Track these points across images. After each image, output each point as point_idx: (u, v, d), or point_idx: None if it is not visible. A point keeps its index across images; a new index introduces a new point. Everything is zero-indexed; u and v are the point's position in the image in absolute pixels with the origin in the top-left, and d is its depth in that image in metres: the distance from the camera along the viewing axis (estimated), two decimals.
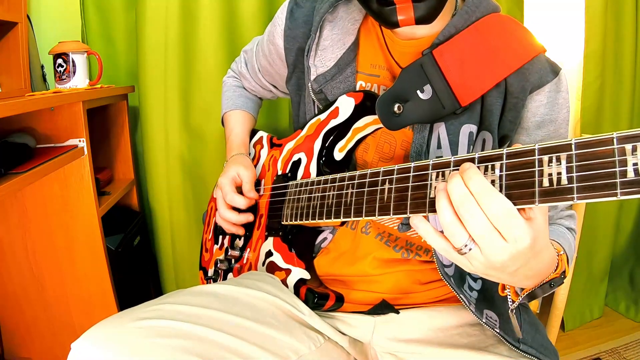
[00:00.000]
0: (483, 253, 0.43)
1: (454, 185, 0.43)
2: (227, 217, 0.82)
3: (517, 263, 0.44)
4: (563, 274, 0.53)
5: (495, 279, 0.49)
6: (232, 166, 0.84)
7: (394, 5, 0.59)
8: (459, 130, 0.66)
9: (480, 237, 0.43)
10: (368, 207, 0.56)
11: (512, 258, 0.43)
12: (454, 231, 0.44)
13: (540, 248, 0.45)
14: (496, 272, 0.46)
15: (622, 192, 0.36)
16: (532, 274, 0.48)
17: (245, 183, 0.82)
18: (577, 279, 1.59)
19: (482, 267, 0.45)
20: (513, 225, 0.42)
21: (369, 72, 0.73)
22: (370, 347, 0.73)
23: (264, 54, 0.87)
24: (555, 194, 0.39)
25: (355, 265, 0.73)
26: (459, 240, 0.44)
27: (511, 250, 0.42)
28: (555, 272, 0.52)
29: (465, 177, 0.43)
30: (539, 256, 0.46)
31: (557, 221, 0.73)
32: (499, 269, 0.45)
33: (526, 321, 0.69)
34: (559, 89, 0.69)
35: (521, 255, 0.43)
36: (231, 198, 0.81)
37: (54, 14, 1.39)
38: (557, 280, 0.52)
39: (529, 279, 0.49)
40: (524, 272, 0.47)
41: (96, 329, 0.54)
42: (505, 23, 0.66)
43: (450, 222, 0.44)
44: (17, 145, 0.98)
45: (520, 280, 0.49)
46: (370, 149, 0.73)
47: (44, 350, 1.22)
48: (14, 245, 1.14)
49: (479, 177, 0.42)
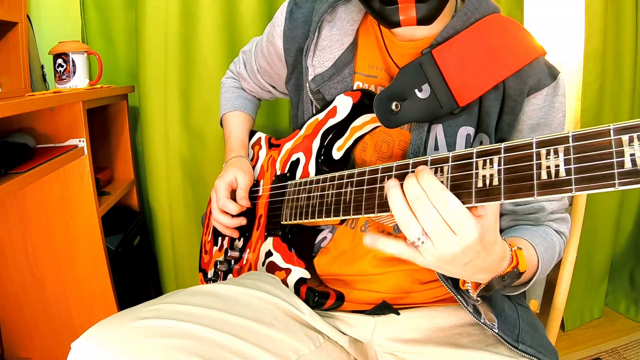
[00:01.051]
0: (435, 246, 0.47)
1: (409, 185, 0.47)
2: (220, 220, 0.82)
3: (467, 256, 0.47)
4: (516, 269, 0.55)
5: (448, 273, 0.52)
6: (230, 169, 0.84)
7: (397, 5, 0.59)
8: (457, 132, 0.66)
9: (432, 231, 0.46)
10: (367, 205, 0.56)
11: (462, 251, 0.46)
12: (409, 225, 0.47)
13: (489, 242, 0.48)
14: (448, 265, 0.49)
15: (620, 182, 0.36)
16: (483, 267, 0.51)
17: (240, 189, 0.82)
18: (577, 279, 1.59)
19: (434, 260, 0.48)
20: (462, 221, 0.45)
21: (367, 73, 0.74)
22: (371, 346, 0.73)
23: (263, 54, 0.87)
24: (553, 186, 0.40)
25: (355, 264, 0.74)
26: (413, 234, 0.47)
27: (461, 243, 0.46)
28: (509, 267, 0.54)
29: (419, 177, 0.46)
30: (488, 250, 0.49)
31: (545, 223, 0.73)
32: (450, 262, 0.48)
33: (525, 321, 0.69)
34: (556, 93, 0.69)
35: (470, 249, 0.46)
36: (223, 203, 0.81)
37: (54, 14, 1.39)
38: (511, 274, 0.55)
39: (481, 272, 0.52)
40: (475, 265, 0.49)
41: (96, 329, 0.54)
42: (505, 24, 0.66)
43: (405, 215, 0.47)
44: (17, 145, 0.98)
45: (472, 273, 0.52)
46: (368, 148, 0.73)
47: (44, 350, 1.22)
48: (14, 245, 1.14)
49: (430, 176, 0.46)
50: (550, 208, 0.72)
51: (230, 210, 0.81)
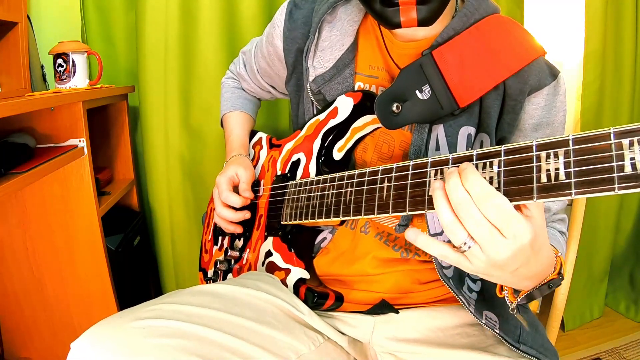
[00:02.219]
0: (484, 251, 0.44)
1: (452, 188, 0.44)
2: (223, 214, 0.82)
3: (518, 261, 0.45)
4: (561, 275, 0.53)
5: (496, 279, 0.49)
6: (231, 166, 0.84)
7: (397, 7, 0.59)
8: (458, 132, 0.66)
9: (479, 236, 0.43)
10: (367, 206, 0.56)
11: (514, 255, 0.43)
12: (454, 230, 0.44)
13: (540, 246, 0.45)
14: (497, 271, 0.46)
15: (619, 186, 0.36)
16: (532, 274, 0.49)
17: (242, 182, 0.82)
18: (577, 279, 1.59)
19: (484, 266, 0.45)
20: (512, 223, 0.42)
21: (368, 74, 0.74)
22: (370, 347, 0.73)
23: (262, 55, 0.87)
24: (553, 189, 0.39)
25: (355, 264, 0.74)
26: (458, 239, 0.44)
27: (512, 247, 0.43)
28: (554, 273, 0.52)
29: (463, 177, 0.43)
30: (539, 255, 0.46)
31: (550, 224, 0.74)
32: (500, 267, 0.45)
33: (526, 321, 0.69)
34: (556, 92, 0.69)
35: (522, 253, 0.44)
36: (226, 196, 0.81)
37: (54, 14, 1.39)
38: (556, 281, 0.52)
39: (529, 279, 0.50)
40: (524, 271, 0.47)
41: (96, 329, 0.54)
42: (505, 24, 0.66)
43: (450, 221, 0.44)
44: (17, 145, 0.98)
45: (520, 280, 0.49)
46: (369, 148, 0.73)
47: (44, 350, 1.22)
48: (14, 245, 1.14)
49: (476, 177, 0.43)
50: (555, 208, 0.73)
51: (234, 203, 0.80)
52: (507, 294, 0.55)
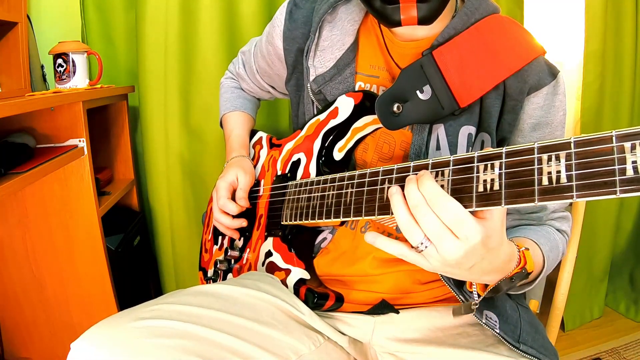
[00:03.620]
0: (438, 251, 0.46)
1: (410, 191, 0.46)
2: (220, 220, 0.82)
3: (472, 259, 0.47)
4: (524, 269, 0.55)
5: (454, 275, 0.52)
6: (232, 169, 0.84)
7: (398, 4, 0.59)
8: (458, 132, 0.66)
9: (434, 236, 0.46)
10: (368, 207, 0.56)
11: (466, 254, 0.46)
12: (411, 230, 0.47)
13: (494, 245, 0.48)
14: (453, 269, 0.49)
15: (621, 190, 0.36)
16: (490, 269, 0.50)
17: (240, 189, 0.82)
18: (577, 279, 1.59)
19: (439, 265, 0.48)
20: (463, 225, 0.45)
21: (368, 73, 0.73)
22: (370, 347, 0.73)
23: (262, 55, 0.87)
24: (554, 192, 0.39)
25: (355, 265, 0.73)
26: (415, 239, 0.47)
27: (464, 246, 0.45)
28: (517, 267, 0.54)
29: (420, 182, 0.46)
30: (494, 252, 0.48)
31: (547, 222, 0.74)
32: (455, 266, 0.48)
33: (526, 321, 0.69)
34: (556, 92, 0.69)
35: (474, 252, 0.46)
36: (223, 203, 0.81)
37: (54, 14, 1.39)
38: (519, 274, 0.55)
39: (488, 274, 0.51)
40: (481, 267, 0.49)
41: (96, 329, 0.54)
42: (505, 24, 0.66)
43: (406, 221, 0.47)
44: (17, 145, 0.98)
45: (479, 275, 0.51)
46: (369, 149, 0.73)
47: (44, 350, 1.22)
48: (14, 245, 1.14)
49: (430, 182, 0.46)
50: (552, 207, 0.73)
51: (230, 211, 0.81)
52: (476, 289, 0.57)
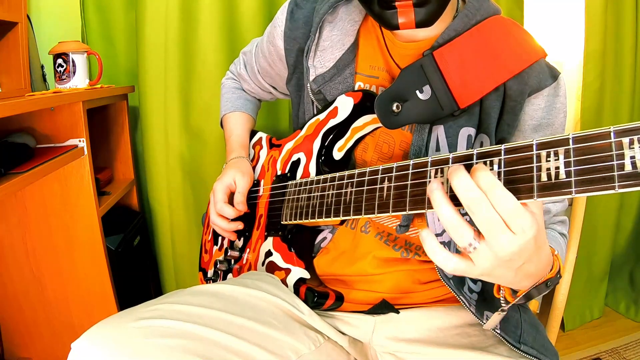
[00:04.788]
0: (491, 247, 0.43)
1: (463, 183, 0.42)
2: (217, 223, 0.83)
3: (523, 257, 0.44)
4: (558, 273, 0.53)
5: (497, 279, 0.48)
6: (230, 171, 0.84)
7: (395, 9, 0.59)
8: (458, 133, 0.66)
9: (488, 231, 0.42)
10: (367, 205, 0.56)
11: (520, 250, 0.43)
12: (460, 231, 0.43)
13: (542, 242, 0.46)
14: (501, 269, 0.45)
15: (620, 185, 0.36)
16: (533, 271, 0.48)
17: (238, 193, 0.82)
18: (577, 279, 1.59)
19: (489, 265, 0.44)
20: (520, 216, 0.41)
21: (368, 74, 0.74)
22: (370, 346, 0.73)
23: (263, 55, 0.87)
24: (553, 188, 0.39)
25: (355, 264, 0.74)
26: (465, 240, 0.43)
27: (519, 241, 0.42)
28: (551, 272, 0.52)
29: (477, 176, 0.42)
30: (540, 251, 0.46)
31: (549, 226, 0.74)
32: (506, 264, 0.44)
33: (526, 321, 0.69)
34: (557, 94, 0.69)
35: (527, 247, 0.43)
36: (220, 207, 0.81)
37: (54, 14, 1.39)
38: (553, 279, 0.52)
39: (529, 277, 0.49)
40: (527, 268, 0.47)
41: (96, 329, 0.54)
42: (506, 26, 0.66)
43: (454, 219, 0.43)
44: (17, 145, 0.98)
45: (522, 278, 0.49)
46: (369, 148, 0.73)
47: (44, 350, 1.22)
48: (14, 245, 1.14)
49: (486, 172, 0.42)
50: (554, 210, 0.73)
51: (227, 215, 0.81)
52: (505, 294, 0.55)
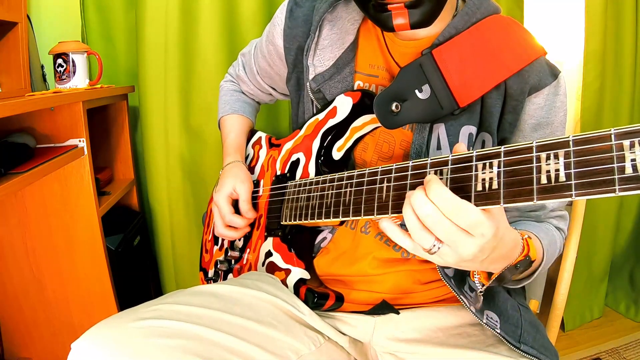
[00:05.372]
0: (453, 250, 0.46)
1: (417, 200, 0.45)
2: (227, 235, 0.83)
3: (486, 252, 0.47)
4: (528, 257, 0.56)
5: (466, 268, 0.52)
6: (227, 180, 0.83)
7: (389, 12, 0.59)
8: (459, 132, 0.66)
9: (448, 240, 0.46)
10: (367, 206, 0.56)
11: (482, 249, 0.46)
12: (420, 237, 0.47)
13: (503, 233, 0.48)
14: (467, 263, 0.49)
15: (620, 188, 0.36)
16: (499, 256, 0.51)
17: (242, 202, 0.82)
18: (577, 279, 1.59)
19: (453, 262, 0.48)
20: (478, 223, 0.45)
21: (368, 72, 0.73)
22: (370, 347, 0.73)
23: (263, 55, 0.87)
24: (553, 190, 0.39)
25: (355, 265, 0.73)
26: (427, 244, 0.47)
27: (480, 243, 0.46)
28: (521, 255, 0.55)
29: (429, 190, 0.45)
30: (503, 240, 0.49)
31: (546, 220, 0.74)
32: (470, 261, 0.48)
33: (526, 321, 0.69)
34: (557, 92, 0.69)
35: (488, 245, 0.46)
36: (230, 219, 0.81)
37: (54, 14, 1.39)
38: (523, 262, 0.55)
39: (496, 262, 0.52)
40: (492, 257, 0.49)
41: (96, 329, 0.54)
42: (506, 25, 0.66)
43: (416, 229, 0.46)
44: (17, 145, 0.98)
45: (489, 265, 0.52)
46: (369, 148, 0.73)
47: (44, 350, 1.22)
48: (14, 245, 1.14)
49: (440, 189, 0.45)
50: (551, 206, 0.73)
51: (239, 225, 0.81)
52: (480, 278, 0.58)
